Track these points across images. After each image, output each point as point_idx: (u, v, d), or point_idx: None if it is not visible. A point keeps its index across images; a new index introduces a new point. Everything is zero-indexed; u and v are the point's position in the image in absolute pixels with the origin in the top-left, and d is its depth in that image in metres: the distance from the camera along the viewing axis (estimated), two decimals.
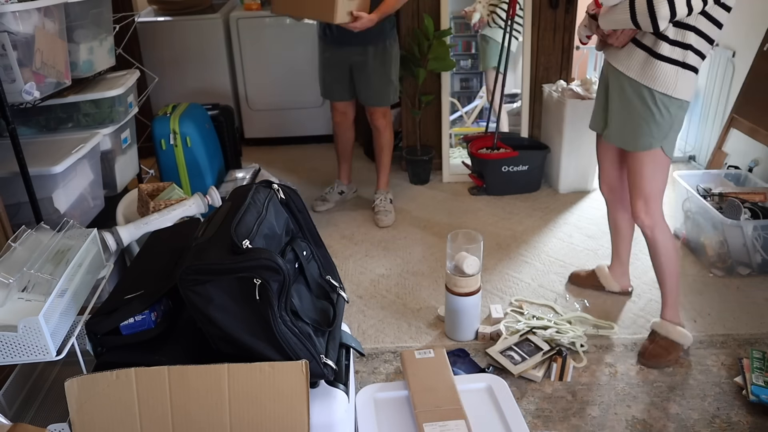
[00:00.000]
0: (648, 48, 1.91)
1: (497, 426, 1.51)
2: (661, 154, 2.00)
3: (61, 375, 1.79)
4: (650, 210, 2.09)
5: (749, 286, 2.56)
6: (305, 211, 1.55)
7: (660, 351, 2.14)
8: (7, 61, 2.06)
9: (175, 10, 3.99)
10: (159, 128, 2.95)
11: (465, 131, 4.10)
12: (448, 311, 2.31)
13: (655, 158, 2.01)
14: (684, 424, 1.90)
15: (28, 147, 2.16)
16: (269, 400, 1.21)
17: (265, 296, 1.22)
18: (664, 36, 1.86)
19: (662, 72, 1.89)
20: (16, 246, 1.57)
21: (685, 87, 1.91)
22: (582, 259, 2.81)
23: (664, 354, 2.14)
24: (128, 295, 1.38)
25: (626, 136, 2.03)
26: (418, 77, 3.41)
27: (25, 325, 1.33)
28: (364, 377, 2.13)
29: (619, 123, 2.05)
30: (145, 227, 2.18)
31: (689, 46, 1.86)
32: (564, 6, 3.44)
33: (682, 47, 1.86)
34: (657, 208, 2.09)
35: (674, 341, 2.14)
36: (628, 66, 1.96)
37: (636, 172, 2.07)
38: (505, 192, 3.46)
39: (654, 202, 2.08)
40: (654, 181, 2.06)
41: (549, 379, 2.09)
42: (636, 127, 1.99)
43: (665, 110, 1.93)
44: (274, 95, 4.16)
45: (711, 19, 1.83)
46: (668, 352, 2.14)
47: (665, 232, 2.12)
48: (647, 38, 1.91)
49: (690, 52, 1.87)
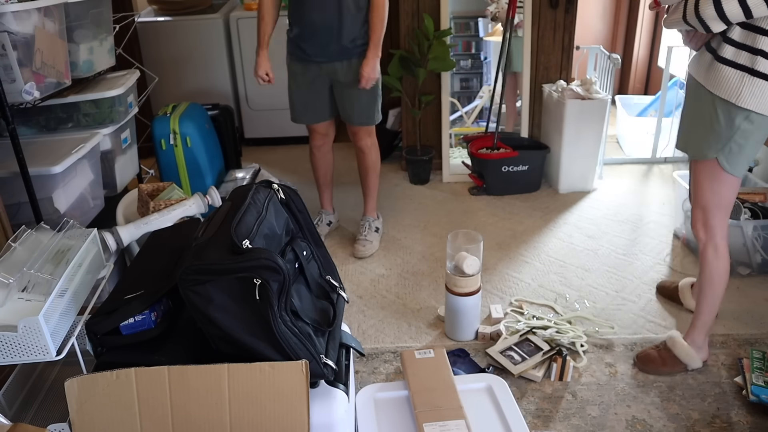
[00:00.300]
0: (713, 50, 1.80)
1: (497, 426, 1.51)
2: (717, 166, 1.86)
3: (61, 375, 1.79)
4: (708, 224, 1.96)
5: (749, 286, 2.56)
6: (305, 211, 1.55)
7: (656, 359, 2.11)
8: (7, 61, 2.06)
9: (175, 10, 3.99)
10: (159, 128, 2.95)
11: (465, 131, 4.10)
12: (448, 311, 2.31)
13: (712, 170, 1.88)
14: (684, 424, 1.90)
15: (28, 147, 2.16)
16: (269, 400, 1.21)
17: (265, 296, 1.22)
18: (728, 38, 1.74)
19: (724, 77, 1.76)
20: (16, 246, 1.57)
21: (755, 96, 1.73)
22: (582, 259, 2.82)
23: (658, 363, 2.10)
24: (128, 295, 1.38)
25: (687, 140, 1.96)
26: (418, 77, 3.41)
27: (25, 325, 1.33)
28: (364, 377, 2.13)
29: (686, 127, 1.96)
30: (145, 227, 2.18)
31: (760, 51, 1.69)
32: (564, 6, 3.44)
33: (751, 52, 1.70)
34: (716, 224, 1.95)
35: (676, 356, 2.08)
36: (698, 69, 1.87)
37: (694, 181, 1.98)
38: (505, 192, 3.46)
39: (713, 218, 1.94)
40: (711, 195, 1.92)
41: (549, 379, 2.09)
42: (696, 133, 1.89)
43: (726, 119, 1.78)
44: (274, 95, 4.15)
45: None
46: (664, 363, 2.10)
47: (717, 254, 1.98)
48: (715, 40, 1.80)
49: (761, 58, 1.69)
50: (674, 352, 2.09)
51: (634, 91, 4.86)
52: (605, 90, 3.49)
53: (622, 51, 4.89)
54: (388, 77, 3.50)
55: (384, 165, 3.93)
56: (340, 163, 3.99)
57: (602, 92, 3.34)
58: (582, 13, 4.14)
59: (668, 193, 3.42)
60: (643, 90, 4.89)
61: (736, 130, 1.79)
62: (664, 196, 3.39)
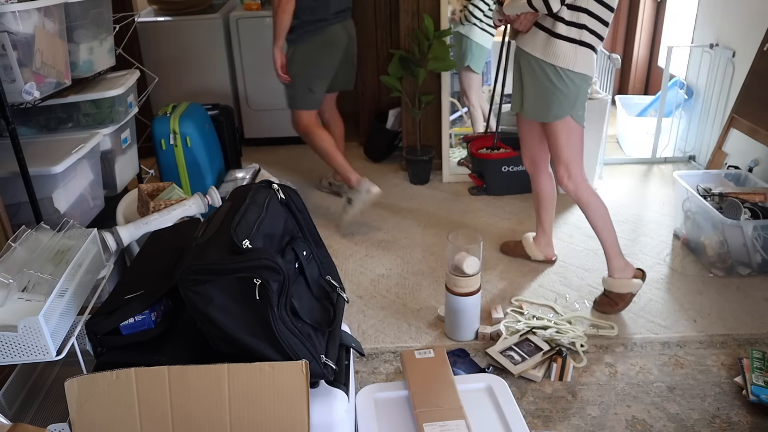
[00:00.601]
0: (547, 29, 2.16)
1: (497, 426, 1.51)
2: (572, 122, 2.25)
3: (61, 375, 1.79)
4: (572, 175, 2.32)
5: (749, 286, 2.56)
6: (305, 211, 1.55)
7: (609, 302, 2.41)
8: (7, 61, 2.06)
9: (175, 10, 3.99)
10: (159, 128, 2.95)
11: (465, 131, 4.10)
12: (448, 311, 2.31)
13: (568, 127, 2.26)
14: (684, 424, 1.90)
15: (28, 147, 2.16)
16: (269, 400, 1.20)
17: (265, 296, 1.21)
18: (560, 18, 2.12)
19: (561, 50, 2.14)
20: (16, 246, 1.57)
21: (585, 62, 2.17)
22: (582, 259, 2.82)
23: (612, 305, 2.40)
24: (128, 295, 1.38)
25: (539, 110, 2.28)
26: (418, 77, 3.41)
27: (25, 325, 1.33)
28: (364, 377, 2.13)
29: (533, 99, 2.28)
30: (145, 227, 2.18)
31: (584, 26, 2.11)
32: None
33: (578, 27, 2.12)
34: (578, 172, 2.32)
35: (620, 293, 2.38)
36: (533, 47, 2.20)
37: (553, 142, 2.32)
38: (505, 192, 3.46)
39: (574, 167, 2.31)
40: (570, 148, 2.30)
41: (549, 379, 2.09)
42: (547, 101, 2.23)
43: (570, 82, 2.18)
44: (274, 95, 4.15)
45: (601, 2, 2.09)
46: (616, 303, 2.40)
47: (589, 193, 2.34)
48: (546, 21, 2.16)
49: (585, 31, 2.12)
50: (615, 291, 2.39)
51: (634, 91, 4.86)
52: (605, 90, 3.49)
53: (622, 51, 4.89)
54: (388, 77, 3.50)
55: (384, 165, 3.95)
56: None
57: (602, 92, 3.33)
58: None
59: (668, 193, 3.42)
60: (643, 90, 4.88)
61: (579, 90, 2.20)
62: (664, 196, 3.39)
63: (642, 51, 4.78)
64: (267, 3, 4.06)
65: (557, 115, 2.24)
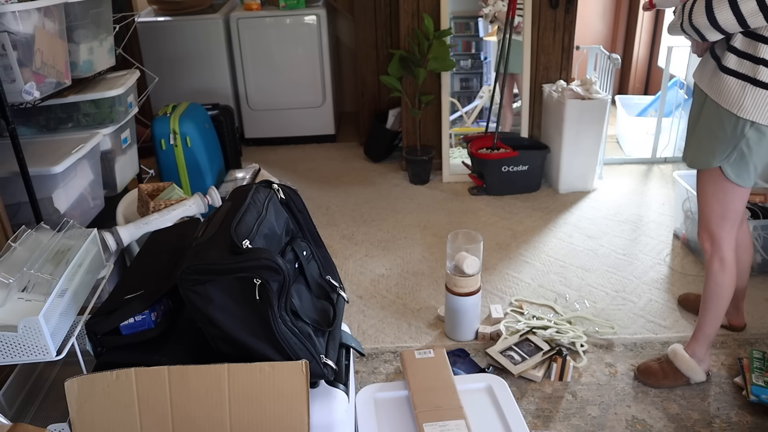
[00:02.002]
0: (717, 58, 1.75)
1: (497, 426, 1.51)
2: (721, 175, 1.81)
3: (61, 375, 1.79)
4: (713, 236, 1.91)
5: (749, 286, 2.55)
6: (305, 211, 1.55)
7: (657, 371, 2.07)
8: (7, 61, 2.06)
9: (175, 10, 3.99)
10: (159, 128, 2.95)
11: (465, 131, 4.10)
12: (448, 311, 2.31)
13: (717, 180, 1.83)
14: (684, 424, 1.90)
15: (28, 147, 2.16)
16: (269, 400, 1.20)
17: (265, 296, 1.21)
18: (731, 47, 1.70)
19: (726, 86, 1.72)
20: (16, 246, 1.57)
21: (757, 107, 1.69)
22: (582, 259, 2.82)
23: (660, 376, 2.06)
24: (128, 295, 1.38)
25: (689, 152, 1.90)
26: (418, 77, 3.41)
27: (25, 325, 1.33)
28: (364, 377, 2.13)
29: (693, 139, 1.89)
30: (145, 227, 2.18)
31: (762, 60, 1.65)
32: (564, 6, 3.44)
33: (753, 61, 1.66)
34: (721, 235, 1.90)
35: (678, 369, 2.03)
36: (701, 77, 1.83)
37: (700, 191, 1.92)
38: (505, 192, 3.46)
39: (717, 229, 1.90)
40: (717, 205, 1.87)
41: (549, 379, 2.09)
42: (700, 143, 1.84)
43: (730, 127, 1.74)
44: (274, 95, 4.16)
45: None
46: (665, 376, 2.05)
47: (723, 266, 1.93)
48: (719, 48, 1.76)
49: (763, 68, 1.65)
50: (676, 365, 2.04)
51: (634, 91, 4.86)
52: (605, 90, 3.49)
53: (622, 51, 4.89)
54: (388, 77, 3.50)
55: (384, 165, 3.95)
56: (341, 163, 4.00)
57: (602, 92, 3.34)
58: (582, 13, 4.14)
59: (668, 193, 3.42)
60: (643, 90, 4.89)
61: (741, 138, 1.74)
62: (664, 196, 3.39)
63: (642, 51, 4.78)
64: (267, 3, 4.07)
65: (703, 162, 1.83)
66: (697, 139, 1.85)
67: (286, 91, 4.13)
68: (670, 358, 2.06)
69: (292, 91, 4.12)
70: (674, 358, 2.05)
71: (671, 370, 2.05)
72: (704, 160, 1.83)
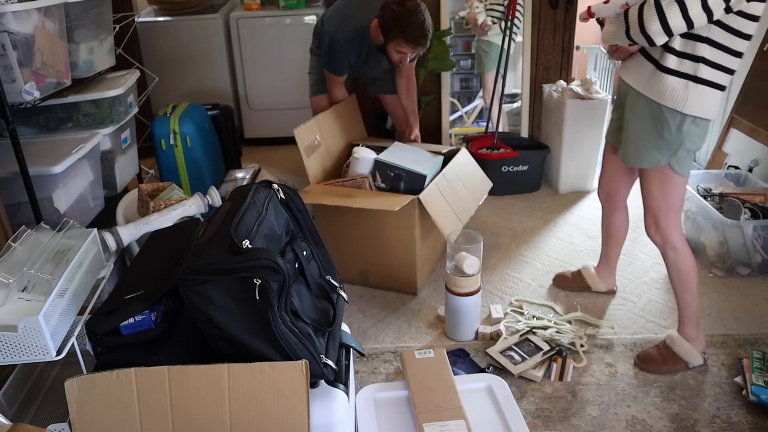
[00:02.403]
0: (654, 60, 1.81)
1: (497, 426, 1.51)
2: (669, 171, 1.90)
3: (61, 375, 1.79)
4: (660, 228, 2.01)
5: (749, 286, 2.56)
6: (305, 211, 1.55)
7: (656, 358, 2.11)
8: (7, 61, 2.06)
9: (175, 10, 3.99)
10: (159, 128, 2.95)
11: (465, 131, 4.10)
12: (448, 311, 2.31)
13: (662, 176, 1.92)
14: (684, 424, 1.90)
15: (28, 147, 2.16)
16: (269, 400, 1.21)
17: (265, 296, 1.22)
18: (670, 48, 1.75)
19: (669, 86, 1.78)
20: (16, 246, 1.57)
21: (700, 102, 1.77)
22: (582, 259, 2.81)
23: (659, 362, 2.10)
24: (128, 295, 1.38)
25: (633, 153, 1.96)
26: (418, 77, 3.41)
27: (25, 325, 1.33)
28: (364, 377, 2.13)
29: (630, 139, 1.96)
30: (145, 227, 2.18)
31: (701, 59, 1.73)
32: (564, 6, 3.44)
33: (693, 60, 1.74)
34: (668, 226, 1.99)
35: (676, 354, 2.09)
36: (637, 79, 1.87)
37: (644, 189, 2.01)
38: (505, 192, 3.46)
39: (665, 220, 1.99)
40: (663, 199, 1.96)
41: (549, 379, 2.09)
42: (644, 143, 1.90)
43: (674, 126, 1.82)
44: (274, 95, 4.15)
45: (729, 30, 1.68)
46: (665, 361, 2.09)
47: (677, 251, 2.02)
48: (655, 50, 1.81)
49: (702, 65, 1.73)
50: (674, 350, 2.10)
51: None
52: (605, 90, 3.49)
53: None
54: None
55: None
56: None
57: (602, 92, 3.34)
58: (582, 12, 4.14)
59: None
60: None
61: (686, 135, 1.83)
62: None
63: None
64: (267, 3, 4.06)
65: (652, 161, 1.91)
66: (640, 139, 1.92)
67: (286, 91, 4.12)
68: (668, 344, 2.12)
69: (292, 91, 4.11)
70: (672, 344, 2.11)
71: (670, 355, 2.10)
72: (653, 159, 1.91)
